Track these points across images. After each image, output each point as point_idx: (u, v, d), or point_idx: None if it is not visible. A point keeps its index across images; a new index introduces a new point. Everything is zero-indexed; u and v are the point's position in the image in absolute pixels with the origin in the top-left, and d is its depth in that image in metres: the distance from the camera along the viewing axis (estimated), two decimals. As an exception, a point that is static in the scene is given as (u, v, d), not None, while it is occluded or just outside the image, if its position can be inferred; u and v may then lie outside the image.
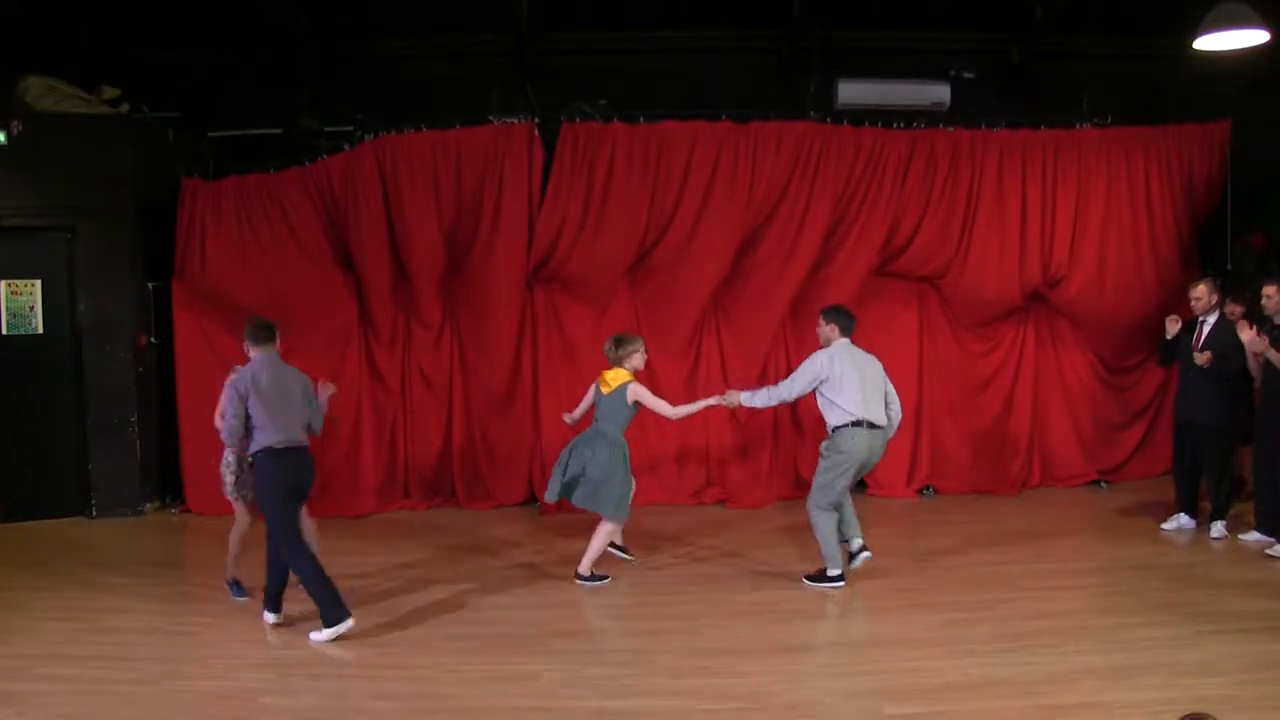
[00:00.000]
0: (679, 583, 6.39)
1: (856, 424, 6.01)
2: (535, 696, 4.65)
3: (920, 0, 8.55)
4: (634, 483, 6.50)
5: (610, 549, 6.58)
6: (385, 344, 8.39)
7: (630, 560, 6.72)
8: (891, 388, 6.27)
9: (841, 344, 6.20)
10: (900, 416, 6.30)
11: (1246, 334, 6.55)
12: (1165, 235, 8.53)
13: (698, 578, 6.48)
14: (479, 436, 8.48)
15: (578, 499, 6.31)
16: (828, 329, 6.27)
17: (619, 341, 6.43)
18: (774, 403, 6.52)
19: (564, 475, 6.29)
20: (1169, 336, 7.26)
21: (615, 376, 6.31)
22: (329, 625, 5.30)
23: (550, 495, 6.48)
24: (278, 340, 5.69)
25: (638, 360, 6.41)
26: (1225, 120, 8.52)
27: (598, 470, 6.17)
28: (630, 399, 6.28)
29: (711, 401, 6.62)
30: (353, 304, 8.30)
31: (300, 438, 5.53)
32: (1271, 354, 6.46)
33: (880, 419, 6.10)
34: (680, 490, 8.52)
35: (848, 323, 6.27)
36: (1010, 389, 8.75)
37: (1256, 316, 6.85)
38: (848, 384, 6.03)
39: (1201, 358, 6.87)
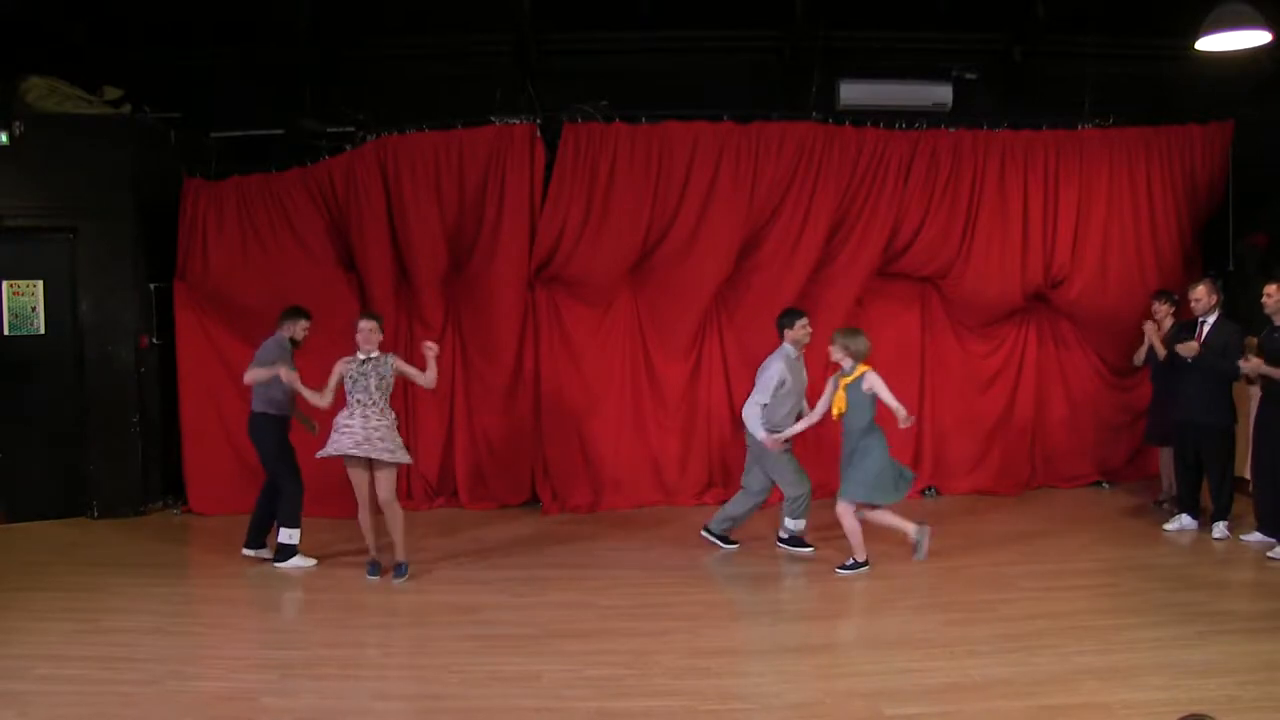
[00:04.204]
0: (680, 583, 6.39)
1: None
2: (537, 697, 4.65)
3: (922, 0, 8.55)
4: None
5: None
6: (387, 344, 8.28)
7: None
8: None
9: None
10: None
11: (1249, 365, 6.62)
12: (1167, 236, 8.53)
13: (699, 578, 6.48)
14: (481, 437, 8.48)
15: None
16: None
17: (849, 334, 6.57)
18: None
19: None
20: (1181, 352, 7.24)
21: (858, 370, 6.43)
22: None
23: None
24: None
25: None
26: (1227, 121, 8.52)
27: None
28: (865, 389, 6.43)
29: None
30: (355, 304, 8.27)
31: None
32: (1270, 370, 6.51)
33: None
34: (682, 491, 8.51)
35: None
36: (1012, 390, 8.74)
37: (1257, 316, 6.85)
38: None
39: (1188, 349, 6.87)
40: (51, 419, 8.08)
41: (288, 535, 6.71)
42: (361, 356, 6.40)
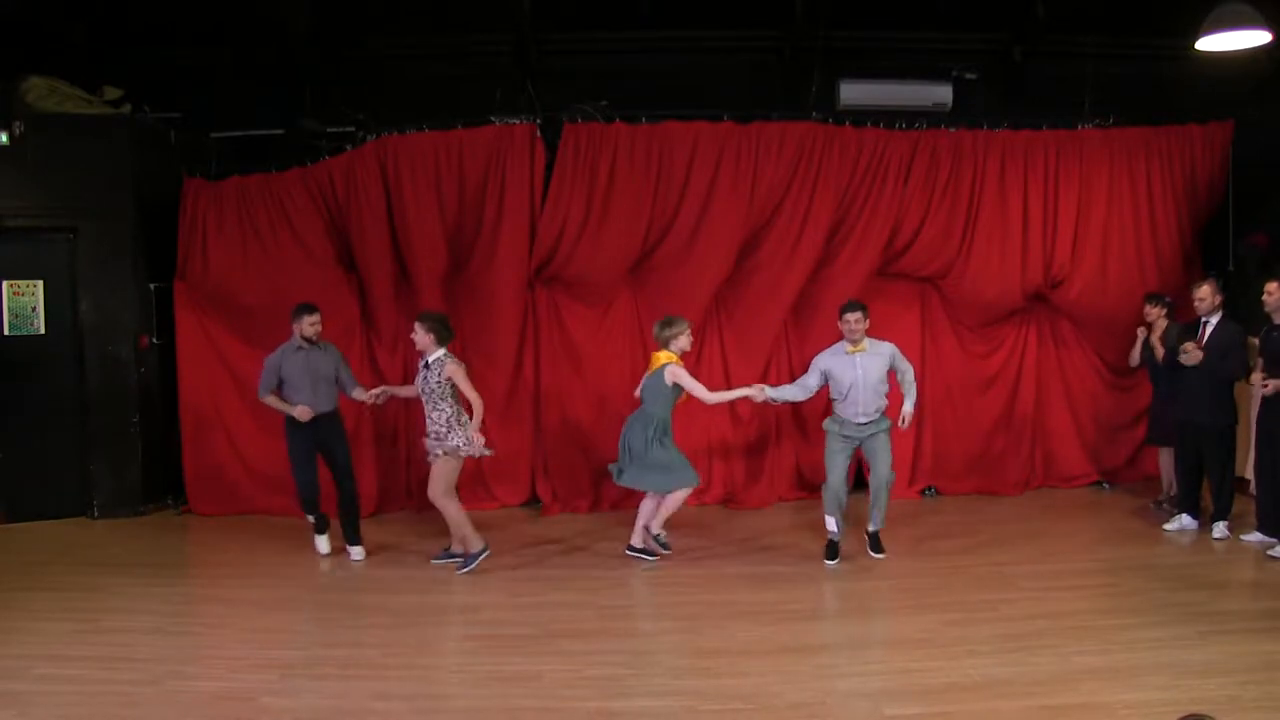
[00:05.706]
0: (680, 583, 6.40)
1: None
2: (537, 697, 4.66)
3: (922, 0, 8.55)
4: (685, 464, 6.75)
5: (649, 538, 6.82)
6: (387, 344, 8.39)
7: (664, 555, 6.84)
8: None
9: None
10: None
11: (1269, 391, 6.57)
12: (1167, 236, 8.52)
13: (699, 578, 6.48)
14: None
15: (625, 479, 6.67)
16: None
17: (665, 323, 6.74)
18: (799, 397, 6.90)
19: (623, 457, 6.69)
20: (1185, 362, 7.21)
21: (657, 359, 6.64)
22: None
23: (617, 479, 6.79)
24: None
25: (684, 342, 6.72)
26: (1227, 120, 8.52)
27: (640, 449, 6.57)
28: (668, 380, 6.56)
29: (745, 392, 6.92)
30: (354, 304, 8.31)
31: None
32: (1274, 383, 6.51)
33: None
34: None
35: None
36: (1012, 390, 8.73)
37: (1257, 316, 6.85)
38: None
39: (1192, 358, 6.85)
40: (51, 419, 8.09)
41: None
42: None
